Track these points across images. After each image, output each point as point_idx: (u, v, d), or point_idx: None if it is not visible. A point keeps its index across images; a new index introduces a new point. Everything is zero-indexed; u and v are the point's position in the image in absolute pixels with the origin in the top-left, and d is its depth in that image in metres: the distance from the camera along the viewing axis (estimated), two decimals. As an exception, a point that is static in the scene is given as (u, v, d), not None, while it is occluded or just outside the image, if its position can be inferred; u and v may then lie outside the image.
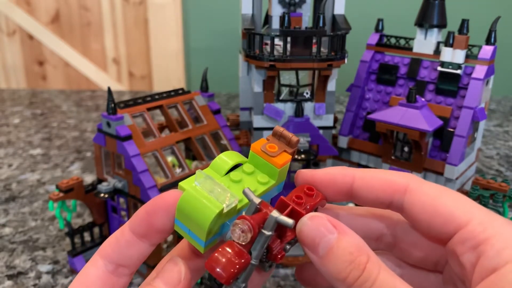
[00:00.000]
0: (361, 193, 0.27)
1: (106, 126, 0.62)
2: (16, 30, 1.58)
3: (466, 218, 0.23)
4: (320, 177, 0.28)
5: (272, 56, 0.63)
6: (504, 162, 1.03)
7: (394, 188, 0.26)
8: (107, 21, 1.56)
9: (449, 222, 0.24)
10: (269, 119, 0.69)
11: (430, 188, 0.25)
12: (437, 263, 0.28)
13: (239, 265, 0.23)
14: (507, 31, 1.25)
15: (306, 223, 0.24)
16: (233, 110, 1.38)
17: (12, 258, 0.70)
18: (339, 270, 0.23)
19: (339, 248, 0.23)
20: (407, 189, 0.26)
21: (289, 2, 0.68)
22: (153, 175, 0.62)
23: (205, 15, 1.53)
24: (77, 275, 0.26)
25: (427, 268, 0.29)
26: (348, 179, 0.27)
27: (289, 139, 0.28)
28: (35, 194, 0.89)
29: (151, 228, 0.25)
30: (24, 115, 1.35)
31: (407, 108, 0.64)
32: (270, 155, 0.27)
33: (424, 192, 0.25)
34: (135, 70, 1.61)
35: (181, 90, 0.73)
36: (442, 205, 0.24)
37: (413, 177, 0.26)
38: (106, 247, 0.26)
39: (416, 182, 0.26)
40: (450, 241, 0.24)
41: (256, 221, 0.23)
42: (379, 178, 0.27)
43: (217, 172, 0.27)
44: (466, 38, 0.64)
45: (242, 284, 0.24)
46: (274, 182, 0.27)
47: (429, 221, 0.25)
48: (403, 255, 0.29)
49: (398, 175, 0.27)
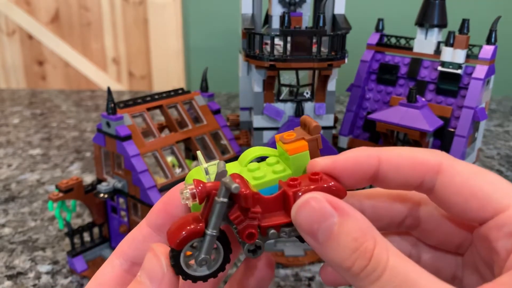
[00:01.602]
0: (388, 176, 0.24)
1: (105, 126, 0.62)
2: (16, 30, 1.58)
3: (506, 202, 0.22)
4: (343, 164, 0.24)
5: (272, 56, 0.62)
6: (504, 162, 1.03)
7: (425, 168, 0.23)
8: (107, 21, 1.56)
9: (486, 206, 0.22)
10: (269, 119, 0.68)
11: (466, 168, 0.23)
12: (460, 246, 0.26)
13: (188, 230, 0.22)
14: (508, 31, 1.25)
15: (300, 206, 0.22)
16: (233, 110, 1.38)
17: (12, 258, 0.70)
18: (342, 258, 0.20)
19: (341, 233, 0.20)
20: (439, 169, 0.23)
21: (289, 1, 0.68)
22: (153, 175, 0.62)
23: (205, 15, 1.53)
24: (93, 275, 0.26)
25: (448, 250, 0.27)
26: (373, 161, 0.24)
27: (308, 125, 0.26)
28: (34, 194, 0.89)
29: (168, 217, 0.25)
30: (24, 115, 1.35)
31: (408, 108, 0.63)
32: (284, 142, 0.25)
33: (458, 172, 0.23)
34: (135, 70, 1.61)
35: (181, 90, 0.73)
36: (479, 187, 0.22)
37: (445, 155, 0.24)
38: (122, 245, 0.26)
39: (449, 161, 0.23)
40: (484, 226, 0.23)
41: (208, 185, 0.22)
42: (408, 157, 0.24)
43: (241, 163, 0.26)
44: (467, 38, 0.64)
45: (202, 255, 0.23)
46: (290, 172, 0.25)
47: (463, 205, 0.23)
48: (424, 236, 0.27)
49: (428, 152, 0.24)
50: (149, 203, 0.60)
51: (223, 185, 0.22)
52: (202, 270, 0.24)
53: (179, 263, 0.23)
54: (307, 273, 0.67)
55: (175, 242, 0.22)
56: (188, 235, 0.22)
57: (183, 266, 0.23)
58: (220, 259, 0.24)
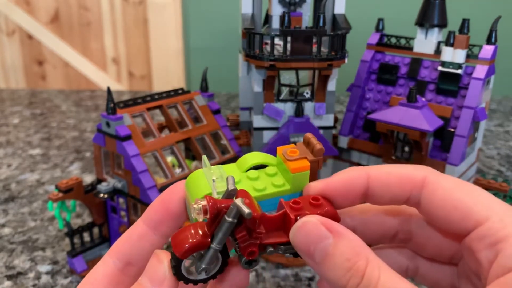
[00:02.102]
0: (377, 193, 0.25)
1: (105, 126, 0.61)
2: (16, 30, 1.58)
3: (486, 214, 0.23)
4: (335, 185, 0.25)
5: (272, 56, 0.62)
6: (504, 162, 1.03)
7: (411, 183, 0.25)
8: (107, 21, 1.56)
9: (467, 218, 0.23)
10: (269, 119, 0.68)
11: (448, 181, 0.24)
12: (453, 257, 0.27)
13: (194, 243, 0.23)
14: (508, 31, 1.25)
15: (298, 229, 0.23)
16: (233, 110, 1.38)
17: (12, 258, 0.70)
18: (338, 277, 0.22)
19: (336, 254, 0.22)
20: (424, 183, 0.24)
21: (289, 1, 0.68)
22: (153, 175, 0.62)
23: (205, 15, 1.53)
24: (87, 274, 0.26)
25: (443, 261, 0.28)
26: (363, 180, 0.25)
27: (312, 146, 0.26)
28: (34, 194, 0.88)
29: (166, 213, 0.26)
30: (24, 115, 1.35)
31: (408, 108, 0.63)
32: (287, 159, 0.26)
33: (441, 186, 0.24)
34: (134, 70, 1.61)
35: (181, 90, 0.73)
36: (460, 200, 0.23)
37: (429, 170, 0.25)
38: (117, 244, 0.27)
39: (433, 175, 0.25)
40: (467, 237, 0.23)
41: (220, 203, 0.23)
42: (395, 174, 0.25)
43: (239, 168, 0.27)
44: (467, 37, 0.64)
45: (202, 265, 0.24)
46: (289, 188, 0.26)
47: (446, 217, 0.24)
48: (418, 248, 0.28)
49: (414, 168, 0.25)
50: (149, 203, 0.60)
51: (235, 207, 0.23)
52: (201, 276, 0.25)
53: (179, 269, 0.24)
54: (307, 273, 0.67)
55: (180, 252, 0.23)
56: (193, 246, 0.23)
57: (183, 272, 0.24)
58: (219, 264, 0.25)
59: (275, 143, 0.68)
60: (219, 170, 0.25)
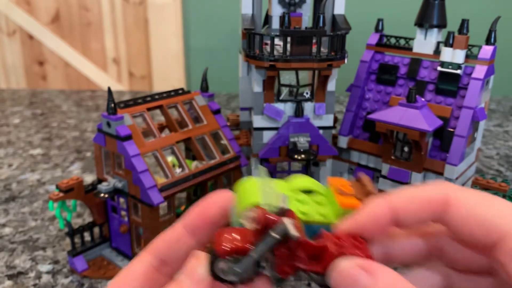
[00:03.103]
0: (403, 221, 0.26)
1: (106, 126, 0.62)
2: (16, 30, 1.58)
3: (509, 227, 0.23)
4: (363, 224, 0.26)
5: (272, 56, 0.63)
6: (504, 162, 1.03)
7: (433, 206, 0.25)
8: (107, 21, 1.56)
9: (492, 233, 0.24)
10: (269, 119, 0.69)
11: (469, 197, 0.25)
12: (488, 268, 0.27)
13: (237, 246, 0.24)
14: (507, 31, 1.25)
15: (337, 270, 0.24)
16: (233, 110, 1.38)
17: (12, 258, 0.70)
18: None
19: None
20: (446, 203, 0.25)
21: (289, 2, 0.68)
22: (153, 175, 0.62)
23: (205, 16, 1.53)
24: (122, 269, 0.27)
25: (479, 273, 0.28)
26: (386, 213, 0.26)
27: (367, 189, 0.27)
28: (35, 194, 0.89)
29: (204, 218, 0.26)
30: (24, 115, 1.35)
31: (407, 108, 0.63)
32: (340, 193, 0.27)
33: (463, 203, 0.25)
34: (135, 70, 1.61)
35: (181, 90, 0.73)
36: (483, 216, 0.24)
37: (449, 188, 0.26)
38: (155, 243, 0.27)
39: (454, 193, 0.25)
40: (494, 251, 0.24)
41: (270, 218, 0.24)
42: (417, 199, 0.26)
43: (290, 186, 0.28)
44: (466, 38, 0.64)
45: (237, 269, 0.24)
46: (335, 221, 0.27)
47: (471, 234, 0.24)
48: (451, 263, 0.29)
49: (434, 188, 0.26)
50: (150, 203, 0.60)
51: (284, 226, 0.23)
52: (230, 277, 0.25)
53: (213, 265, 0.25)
54: (307, 272, 0.67)
55: (221, 250, 0.24)
56: (235, 249, 0.24)
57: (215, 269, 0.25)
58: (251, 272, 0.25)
59: (275, 143, 0.68)
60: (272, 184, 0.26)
